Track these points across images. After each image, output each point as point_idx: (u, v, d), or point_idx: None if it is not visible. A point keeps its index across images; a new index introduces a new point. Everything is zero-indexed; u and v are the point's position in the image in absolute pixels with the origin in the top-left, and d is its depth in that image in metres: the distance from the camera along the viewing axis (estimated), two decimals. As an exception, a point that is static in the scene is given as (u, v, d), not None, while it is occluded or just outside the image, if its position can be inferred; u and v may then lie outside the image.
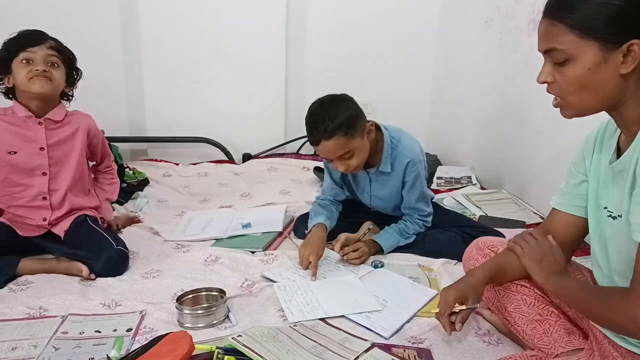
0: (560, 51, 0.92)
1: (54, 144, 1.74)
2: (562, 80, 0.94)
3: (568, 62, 0.92)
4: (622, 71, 0.89)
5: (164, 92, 2.95)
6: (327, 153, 1.66)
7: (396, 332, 1.35)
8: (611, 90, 0.91)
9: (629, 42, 0.87)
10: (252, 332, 1.18)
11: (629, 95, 0.92)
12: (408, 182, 1.80)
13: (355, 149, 1.65)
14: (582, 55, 0.90)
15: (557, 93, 0.97)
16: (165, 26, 2.85)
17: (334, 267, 1.72)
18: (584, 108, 0.95)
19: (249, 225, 2.00)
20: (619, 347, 0.97)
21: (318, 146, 1.64)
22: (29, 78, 1.64)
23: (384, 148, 1.76)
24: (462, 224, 1.93)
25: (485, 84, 2.63)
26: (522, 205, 2.27)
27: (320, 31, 3.03)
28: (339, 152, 1.63)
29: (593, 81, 0.91)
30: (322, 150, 1.65)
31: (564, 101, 0.96)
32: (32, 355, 1.24)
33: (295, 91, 3.09)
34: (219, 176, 2.77)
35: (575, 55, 0.90)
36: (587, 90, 0.92)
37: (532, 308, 1.19)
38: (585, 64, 0.90)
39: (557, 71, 0.94)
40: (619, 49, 0.88)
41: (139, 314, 1.42)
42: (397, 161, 1.77)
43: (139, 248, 1.84)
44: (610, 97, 0.92)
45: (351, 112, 1.62)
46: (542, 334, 1.16)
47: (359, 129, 1.64)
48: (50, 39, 1.71)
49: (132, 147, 3.04)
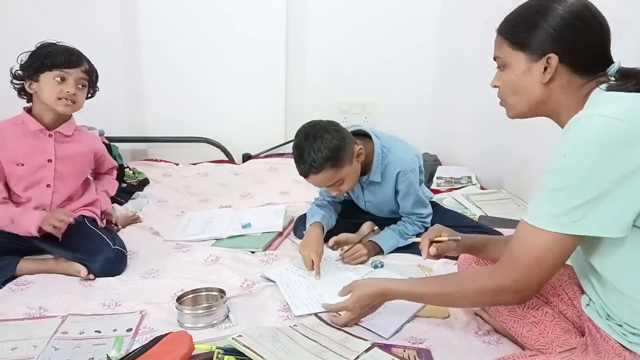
0: (500, 59, 1.09)
1: (61, 157, 1.74)
2: (501, 84, 1.10)
3: (505, 69, 1.08)
4: (543, 80, 1.02)
5: (164, 92, 2.95)
6: (317, 184, 1.68)
7: (396, 332, 1.35)
8: (537, 96, 1.04)
9: (547, 55, 1.00)
10: (252, 332, 1.19)
11: (564, 103, 1.03)
12: (401, 190, 1.80)
13: (345, 176, 1.65)
14: (513, 64, 1.06)
15: (500, 96, 1.12)
16: (166, 26, 2.85)
17: (334, 266, 1.72)
18: (518, 110, 1.09)
19: (249, 225, 2.00)
20: (611, 341, 0.97)
21: (307, 179, 1.65)
22: (58, 98, 1.65)
23: (374, 158, 1.75)
24: (462, 224, 1.93)
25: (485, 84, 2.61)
26: (522, 205, 2.27)
27: (321, 31, 3.03)
28: (329, 183, 1.65)
29: (521, 87, 1.06)
30: (312, 181, 1.66)
31: (504, 102, 1.12)
32: (32, 355, 1.24)
33: (296, 91, 3.08)
34: (219, 176, 2.77)
35: (509, 64, 1.07)
36: (517, 94, 1.07)
37: (526, 310, 1.21)
38: (515, 71, 1.06)
39: (500, 77, 1.11)
40: (539, 60, 1.02)
41: (139, 314, 1.42)
42: (387, 171, 1.77)
43: (138, 248, 1.84)
44: (538, 103, 1.05)
45: (336, 143, 1.59)
46: (538, 335, 1.17)
47: (347, 157, 1.63)
48: (85, 62, 1.72)
49: (132, 147, 3.04)
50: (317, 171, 1.60)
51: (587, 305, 1.06)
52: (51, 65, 1.64)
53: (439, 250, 1.30)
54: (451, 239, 1.31)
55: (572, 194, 0.90)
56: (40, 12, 2.72)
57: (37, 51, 1.68)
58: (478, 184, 2.60)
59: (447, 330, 1.36)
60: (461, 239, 1.31)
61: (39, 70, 1.65)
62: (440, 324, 1.39)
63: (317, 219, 1.80)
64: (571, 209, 0.91)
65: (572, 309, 1.19)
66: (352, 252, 1.75)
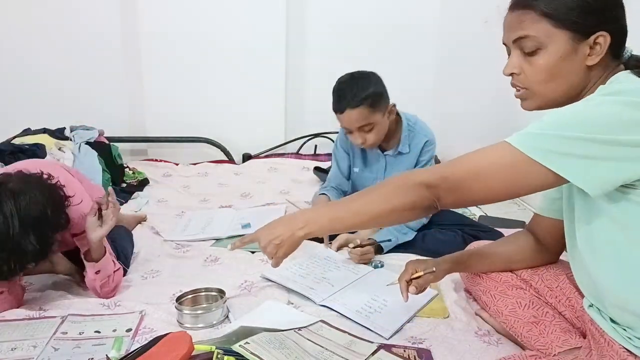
0: (531, 39, 0.93)
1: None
2: (531, 69, 0.95)
3: (539, 51, 0.93)
4: (589, 62, 0.91)
5: (164, 92, 2.95)
6: (349, 122, 1.73)
7: (396, 332, 1.35)
8: (577, 81, 0.93)
9: (596, 34, 0.89)
10: (258, 339, 1.17)
11: (589, 87, 0.94)
12: (423, 160, 1.89)
13: (375, 124, 1.73)
14: (553, 43, 0.91)
15: (524, 84, 0.98)
16: (166, 26, 2.85)
17: (334, 267, 1.72)
18: (549, 98, 0.97)
19: (249, 225, 2.00)
20: (615, 344, 0.97)
21: (342, 114, 1.72)
22: None
23: (402, 131, 1.86)
24: (462, 223, 1.93)
25: (485, 83, 2.63)
26: (522, 205, 2.27)
27: (320, 31, 3.03)
28: (361, 123, 1.72)
29: (562, 71, 0.92)
30: (345, 118, 1.73)
31: (529, 92, 0.98)
32: (31, 355, 1.23)
33: (296, 91, 3.08)
34: (219, 176, 2.77)
35: (547, 44, 0.92)
36: (555, 79, 0.93)
37: (526, 310, 1.21)
38: (556, 53, 0.91)
39: (526, 61, 0.95)
40: (586, 40, 0.90)
41: (138, 314, 1.41)
42: (414, 141, 1.87)
43: (138, 248, 1.84)
44: (575, 88, 0.94)
45: (379, 88, 1.74)
46: (538, 335, 1.17)
47: (383, 106, 1.75)
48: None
49: (132, 147, 3.04)
50: (355, 106, 1.69)
51: (590, 306, 1.05)
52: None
53: (419, 286, 1.23)
54: (427, 273, 1.24)
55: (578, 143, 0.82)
56: (41, 12, 2.73)
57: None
58: (478, 184, 2.60)
59: (447, 330, 1.35)
60: (437, 266, 1.26)
61: None
62: (440, 324, 1.38)
63: (323, 192, 1.88)
64: (568, 152, 0.83)
65: (570, 309, 1.19)
66: (363, 251, 1.72)
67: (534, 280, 1.27)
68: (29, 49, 2.77)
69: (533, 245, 1.28)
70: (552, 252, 1.27)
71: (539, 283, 1.26)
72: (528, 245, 1.28)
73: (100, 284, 1.46)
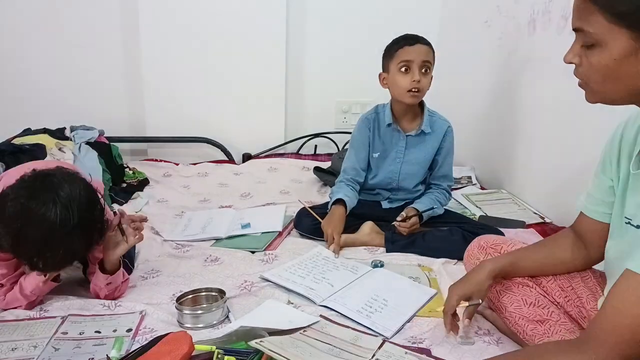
0: (587, 33, 0.84)
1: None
2: (587, 65, 0.86)
3: (595, 47, 0.84)
4: None
5: (164, 92, 2.94)
6: (418, 53, 1.81)
7: (397, 332, 1.35)
8: (638, 84, 0.83)
9: None
10: (271, 339, 1.17)
11: None
12: (445, 147, 1.96)
13: (432, 70, 1.85)
14: (610, 42, 0.81)
15: (582, 77, 0.89)
16: (165, 26, 2.85)
17: (333, 267, 1.72)
18: (609, 98, 0.88)
19: (249, 225, 2.00)
20: None
21: (413, 46, 1.81)
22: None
23: (424, 113, 1.94)
24: (462, 221, 1.94)
25: (485, 84, 2.63)
26: (522, 205, 2.27)
27: (320, 31, 3.03)
28: (428, 57, 1.82)
29: (619, 73, 0.83)
30: (416, 49, 1.81)
31: (587, 86, 0.89)
32: (31, 355, 1.24)
33: (296, 91, 3.08)
34: (219, 176, 2.77)
35: (603, 42, 0.82)
36: (611, 81, 0.84)
37: (532, 308, 1.19)
38: (613, 53, 0.82)
39: (584, 54, 0.86)
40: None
41: (138, 314, 1.41)
42: (437, 125, 1.96)
43: (138, 248, 1.83)
44: (637, 91, 0.85)
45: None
46: (542, 334, 1.16)
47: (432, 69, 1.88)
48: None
49: (132, 147, 3.04)
50: (426, 43, 1.84)
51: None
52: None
53: (468, 315, 1.25)
54: (471, 304, 1.22)
55: None
56: (41, 12, 2.73)
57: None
58: (478, 184, 2.60)
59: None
60: (480, 286, 1.22)
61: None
62: (440, 323, 1.38)
63: (340, 195, 1.90)
64: None
65: (580, 309, 1.17)
66: (412, 223, 1.83)
67: (547, 277, 1.22)
68: (29, 49, 2.76)
69: (573, 242, 1.20)
70: (592, 254, 1.17)
71: (550, 282, 1.22)
72: (569, 245, 1.20)
73: (106, 293, 1.47)
